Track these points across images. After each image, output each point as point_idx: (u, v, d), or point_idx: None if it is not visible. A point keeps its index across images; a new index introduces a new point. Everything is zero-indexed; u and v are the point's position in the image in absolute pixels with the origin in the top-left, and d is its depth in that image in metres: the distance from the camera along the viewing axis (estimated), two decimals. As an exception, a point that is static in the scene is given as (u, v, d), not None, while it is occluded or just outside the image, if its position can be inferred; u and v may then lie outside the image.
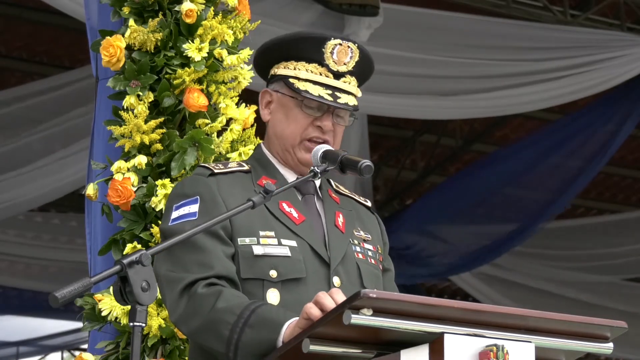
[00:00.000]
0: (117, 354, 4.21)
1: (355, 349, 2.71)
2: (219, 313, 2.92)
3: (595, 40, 9.93)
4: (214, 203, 3.13)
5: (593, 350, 2.92)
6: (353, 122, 3.34)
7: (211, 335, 2.93)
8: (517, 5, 9.91)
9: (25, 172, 9.83)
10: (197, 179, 3.23)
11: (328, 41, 3.25)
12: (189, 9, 4.32)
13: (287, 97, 3.28)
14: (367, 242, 3.32)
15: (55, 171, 9.79)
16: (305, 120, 3.25)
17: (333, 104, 3.22)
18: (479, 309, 2.72)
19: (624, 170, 13.43)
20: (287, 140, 3.27)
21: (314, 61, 3.25)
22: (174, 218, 3.15)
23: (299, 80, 3.24)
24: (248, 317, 2.88)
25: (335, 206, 3.31)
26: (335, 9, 8.83)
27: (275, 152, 3.31)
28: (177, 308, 3.02)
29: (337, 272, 3.14)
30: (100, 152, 4.49)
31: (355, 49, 3.28)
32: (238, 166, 3.30)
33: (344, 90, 3.26)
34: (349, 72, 3.27)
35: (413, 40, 9.40)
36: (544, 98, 10.02)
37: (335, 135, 3.27)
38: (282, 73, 3.29)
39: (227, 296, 2.96)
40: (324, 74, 3.25)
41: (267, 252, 3.09)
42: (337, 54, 3.25)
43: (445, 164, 13.24)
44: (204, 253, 3.04)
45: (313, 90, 3.22)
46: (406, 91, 9.65)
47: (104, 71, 4.47)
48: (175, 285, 3.02)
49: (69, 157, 9.65)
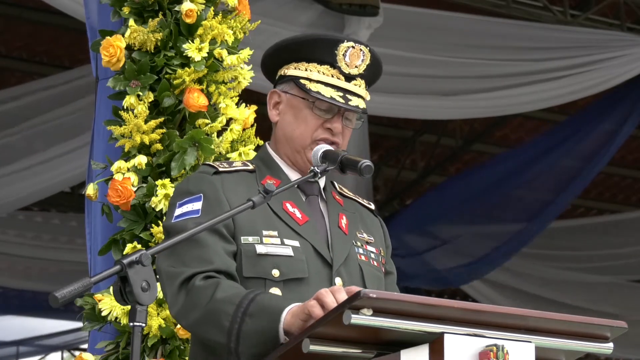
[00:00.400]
0: (117, 354, 4.21)
1: (355, 349, 2.71)
2: (217, 304, 2.92)
3: (595, 40, 9.93)
4: (217, 201, 3.14)
5: (593, 350, 2.92)
6: (361, 125, 3.35)
7: (211, 326, 2.93)
8: (517, 5, 9.91)
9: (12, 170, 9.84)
10: (201, 176, 3.23)
11: (341, 43, 3.25)
12: (189, 9, 4.32)
13: (298, 98, 3.27)
14: (370, 244, 3.32)
15: (51, 169, 9.80)
16: (316, 122, 3.25)
17: (345, 106, 3.22)
18: (479, 309, 2.72)
19: (624, 170, 13.43)
20: (296, 142, 3.26)
21: (326, 63, 3.25)
22: (177, 215, 3.16)
23: (310, 82, 3.24)
24: (247, 306, 2.88)
25: (339, 208, 3.32)
26: (335, 9, 8.82)
27: (284, 153, 3.31)
28: (176, 302, 3.02)
29: (339, 273, 3.15)
30: (100, 152, 4.49)
31: (367, 52, 3.28)
32: (243, 165, 3.30)
33: (355, 93, 3.26)
34: (359, 75, 3.28)
35: (413, 40, 9.40)
36: (544, 98, 10.02)
37: (343, 138, 3.28)
38: (292, 74, 3.28)
39: (224, 287, 2.96)
40: (336, 76, 3.25)
41: (270, 252, 3.09)
42: (349, 56, 3.26)
43: (445, 164, 13.24)
44: (204, 249, 3.05)
45: (325, 92, 3.22)
46: (406, 91, 9.64)
47: (104, 71, 4.47)
48: (174, 279, 3.02)
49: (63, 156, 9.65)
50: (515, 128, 12.68)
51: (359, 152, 9.82)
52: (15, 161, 9.80)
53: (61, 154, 9.68)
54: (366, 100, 3.31)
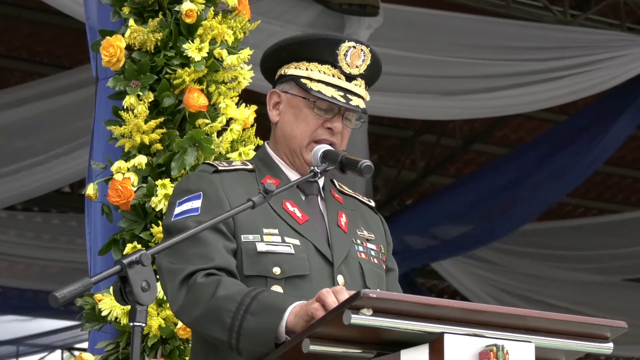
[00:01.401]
0: (117, 354, 4.21)
1: (355, 349, 2.71)
2: (219, 301, 2.93)
3: (595, 40, 9.93)
4: (217, 199, 3.14)
5: (593, 350, 2.92)
6: (361, 125, 3.35)
7: (212, 323, 2.94)
8: (517, 5, 9.91)
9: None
10: (201, 175, 3.24)
11: (342, 43, 3.26)
12: (189, 9, 4.32)
13: (298, 98, 3.27)
14: (370, 241, 3.32)
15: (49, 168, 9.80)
16: (316, 122, 3.25)
17: (345, 105, 3.23)
18: (479, 309, 2.72)
19: (624, 170, 13.43)
20: (295, 141, 3.26)
21: (327, 62, 3.25)
22: (176, 213, 3.16)
23: (311, 81, 3.24)
24: (249, 304, 2.89)
25: (338, 206, 3.32)
26: (335, 9, 8.82)
27: (283, 153, 3.31)
28: (177, 299, 3.02)
29: (340, 271, 3.15)
30: (100, 152, 4.49)
31: (368, 52, 3.29)
32: (242, 165, 3.31)
33: (355, 92, 3.26)
34: (360, 75, 3.28)
35: (413, 40, 9.39)
36: (544, 98, 10.02)
37: (342, 138, 3.28)
38: (293, 73, 3.28)
39: (226, 284, 2.96)
40: (337, 75, 3.25)
41: (271, 249, 3.10)
42: (350, 56, 3.26)
43: (445, 164, 13.24)
44: (205, 246, 3.05)
45: (326, 91, 3.22)
46: (406, 91, 9.64)
47: (104, 71, 4.47)
48: (176, 276, 3.03)
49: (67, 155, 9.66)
50: (516, 128, 12.68)
51: (358, 152, 9.83)
52: (16, 161, 9.80)
53: (61, 154, 9.68)
54: (366, 100, 3.31)
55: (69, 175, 9.99)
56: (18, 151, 9.82)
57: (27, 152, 9.81)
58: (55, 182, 10.14)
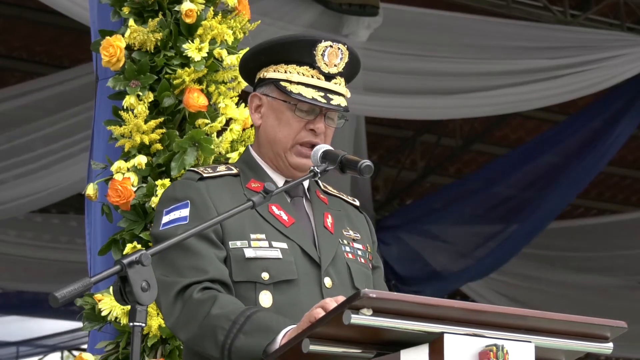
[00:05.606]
0: (117, 354, 4.21)
1: (355, 349, 2.71)
2: (214, 319, 2.94)
3: (595, 40, 9.93)
4: (205, 207, 3.14)
5: (593, 350, 2.92)
6: (343, 124, 3.34)
7: (207, 341, 2.95)
8: (517, 5, 9.92)
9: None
10: (187, 183, 3.23)
11: (319, 43, 3.25)
12: (189, 9, 4.32)
13: (279, 101, 3.27)
14: (357, 241, 3.33)
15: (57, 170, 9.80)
16: (298, 124, 3.25)
17: (327, 105, 3.22)
18: (479, 309, 2.72)
19: (624, 170, 13.43)
20: (279, 145, 3.26)
21: (305, 64, 3.25)
22: (164, 222, 3.15)
23: (291, 84, 3.23)
24: (243, 323, 2.90)
25: (324, 207, 3.32)
26: (335, 9, 8.83)
27: (267, 157, 3.31)
28: (172, 313, 3.03)
29: (328, 273, 3.16)
30: (100, 152, 4.49)
31: (345, 50, 3.28)
32: (227, 170, 3.30)
33: (335, 91, 3.26)
34: (339, 73, 3.28)
35: (413, 40, 9.40)
36: (543, 97, 10.02)
37: (326, 137, 3.27)
38: (272, 76, 3.28)
39: (222, 302, 2.97)
40: (316, 76, 3.24)
41: (259, 255, 3.10)
42: (328, 55, 3.25)
43: (445, 164, 13.25)
44: (197, 257, 3.05)
45: (306, 93, 3.22)
46: (406, 91, 9.65)
47: (104, 71, 4.47)
48: (170, 289, 3.03)
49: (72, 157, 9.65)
50: (515, 128, 12.69)
51: (356, 152, 9.82)
52: (15, 161, 9.79)
53: (61, 154, 9.68)
54: (347, 97, 3.30)
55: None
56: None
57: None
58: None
